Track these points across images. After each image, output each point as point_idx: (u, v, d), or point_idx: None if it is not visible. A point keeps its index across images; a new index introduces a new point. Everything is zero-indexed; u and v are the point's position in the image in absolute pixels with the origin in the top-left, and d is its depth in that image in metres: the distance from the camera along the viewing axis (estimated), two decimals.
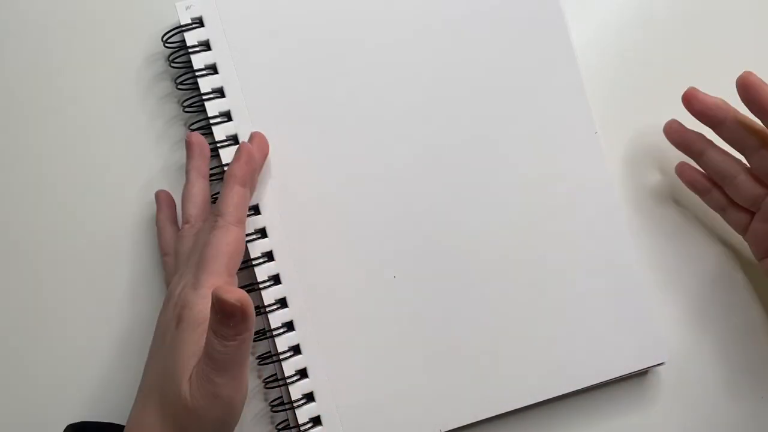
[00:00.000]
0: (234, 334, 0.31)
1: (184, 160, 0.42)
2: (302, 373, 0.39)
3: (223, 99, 0.40)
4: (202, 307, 0.34)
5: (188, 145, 0.40)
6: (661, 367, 0.41)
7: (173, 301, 0.35)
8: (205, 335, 0.32)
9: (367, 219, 0.40)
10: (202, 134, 0.41)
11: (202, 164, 0.40)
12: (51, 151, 0.42)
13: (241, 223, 0.37)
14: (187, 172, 0.40)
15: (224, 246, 0.35)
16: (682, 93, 0.41)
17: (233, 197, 0.36)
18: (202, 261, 0.35)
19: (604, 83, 0.43)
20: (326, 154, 0.40)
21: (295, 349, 0.40)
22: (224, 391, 0.32)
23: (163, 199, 0.41)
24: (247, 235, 0.40)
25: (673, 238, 0.42)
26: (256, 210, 0.40)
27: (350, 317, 0.40)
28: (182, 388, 0.32)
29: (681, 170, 0.41)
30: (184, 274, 0.36)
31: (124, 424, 0.38)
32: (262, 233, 0.40)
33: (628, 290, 0.40)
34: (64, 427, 0.36)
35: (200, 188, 0.39)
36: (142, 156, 0.42)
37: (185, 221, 0.39)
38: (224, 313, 0.30)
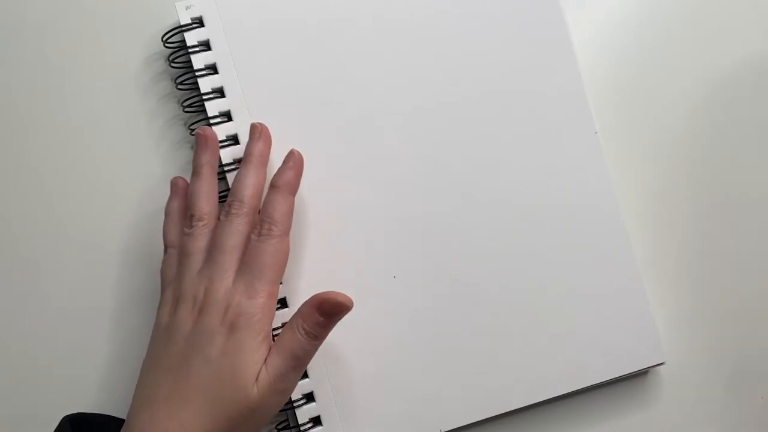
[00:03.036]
0: (326, 333, 0.35)
1: (184, 159, 0.42)
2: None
3: (223, 99, 0.40)
4: (262, 316, 0.34)
5: (201, 139, 0.38)
6: (661, 367, 0.41)
7: (217, 306, 0.34)
8: (265, 343, 0.34)
9: (367, 219, 0.40)
10: None
11: (214, 159, 0.38)
12: (50, 150, 0.42)
13: (289, 232, 0.37)
14: (200, 167, 0.38)
15: (281, 255, 0.36)
16: (682, 93, 0.41)
17: (287, 206, 0.37)
18: (258, 269, 0.35)
19: (604, 83, 0.43)
20: (326, 154, 0.40)
21: None
22: (292, 385, 0.35)
23: (180, 187, 0.39)
24: None
25: (673, 238, 0.42)
26: None
27: (350, 317, 0.39)
28: (249, 390, 0.33)
29: None
30: (220, 278, 0.35)
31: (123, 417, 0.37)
32: None
33: (628, 290, 0.40)
34: (61, 418, 0.36)
35: (213, 185, 0.38)
36: (142, 156, 0.42)
37: (198, 218, 0.37)
38: (330, 315, 0.34)
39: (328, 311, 0.34)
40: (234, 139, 0.40)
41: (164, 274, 0.38)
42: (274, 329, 0.38)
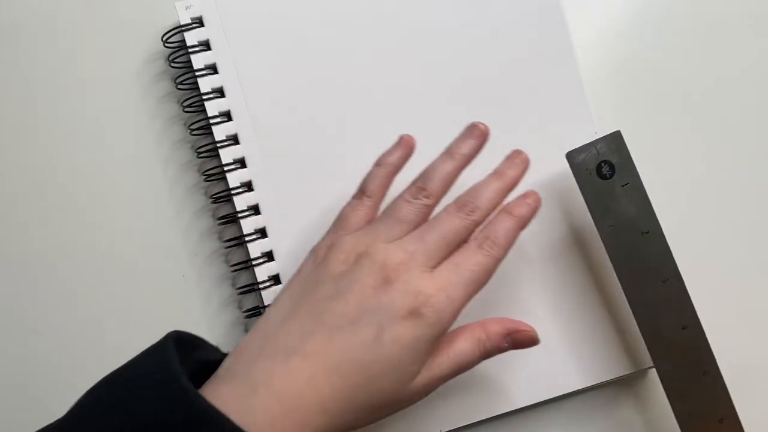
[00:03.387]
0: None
1: (183, 159, 0.42)
2: None
3: (223, 99, 0.40)
4: (449, 322, 0.32)
5: (475, 130, 0.36)
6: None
7: (407, 287, 0.31)
8: (434, 346, 0.32)
9: None
10: (202, 134, 0.41)
11: (473, 154, 0.36)
12: (50, 151, 0.42)
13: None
14: (457, 153, 0.36)
15: (486, 277, 0.33)
16: (682, 94, 0.41)
17: (514, 237, 0.34)
18: (467, 277, 0.32)
19: (604, 83, 0.43)
20: (326, 154, 0.40)
21: None
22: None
23: (410, 146, 0.37)
24: (247, 234, 0.40)
25: (672, 238, 0.42)
26: (256, 210, 0.40)
27: None
28: (404, 386, 0.31)
29: None
30: (423, 261, 0.32)
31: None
32: (262, 233, 0.40)
33: None
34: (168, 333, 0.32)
35: (457, 174, 0.35)
36: (142, 156, 0.42)
37: (428, 196, 0.34)
38: (517, 347, 0.34)
39: (517, 342, 0.34)
40: (234, 139, 0.40)
41: (347, 218, 0.35)
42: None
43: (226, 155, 0.40)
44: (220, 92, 0.40)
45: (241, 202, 0.40)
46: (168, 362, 0.28)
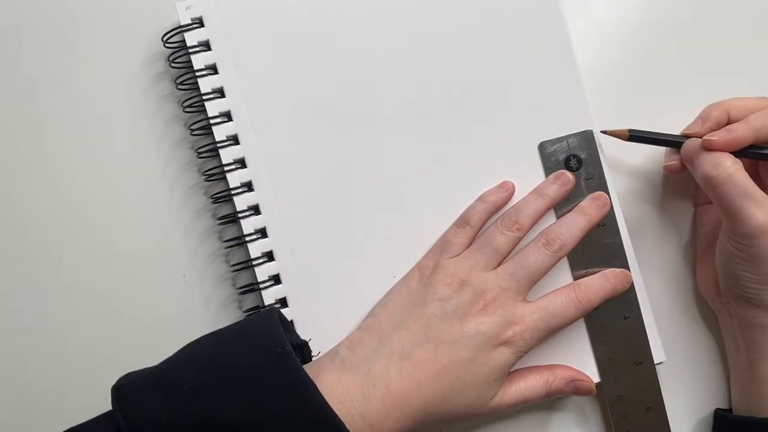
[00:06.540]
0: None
1: (183, 159, 0.42)
2: None
3: (223, 99, 0.40)
4: (527, 350, 0.37)
5: (564, 178, 0.39)
6: (660, 366, 0.41)
7: (502, 313, 0.36)
8: (511, 378, 0.38)
9: (367, 219, 0.40)
10: (202, 134, 0.41)
11: (558, 199, 0.39)
12: (50, 151, 0.42)
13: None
14: (546, 194, 0.39)
15: (568, 324, 0.37)
16: (681, 93, 0.41)
17: (603, 298, 0.38)
18: (553, 316, 0.37)
19: (604, 83, 0.43)
20: (326, 153, 0.40)
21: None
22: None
23: (510, 191, 0.40)
24: (247, 235, 0.40)
25: (673, 238, 0.42)
26: (256, 210, 0.40)
27: (350, 318, 0.40)
28: (482, 403, 0.36)
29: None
30: (516, 293, 0.37)
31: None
32: (262, 233, 0.40)
33: (628, 291, 0.40)
34: (270, 309, 0.36)
35: (543, 212, 0.39)
36: (142, 156, 0.42)
37: (519, 228, 0.38)
38: (577, 394, 0.38)
39: (577, 389, 0.38)
40: (234, 140, 0.40)
41: (450, 242, 0.39)
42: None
43: (227, 155, 0.40)
44: (220, 92, 0.40)
45: (241, 202, 0.40)
46: (280, 340, 0.33)
